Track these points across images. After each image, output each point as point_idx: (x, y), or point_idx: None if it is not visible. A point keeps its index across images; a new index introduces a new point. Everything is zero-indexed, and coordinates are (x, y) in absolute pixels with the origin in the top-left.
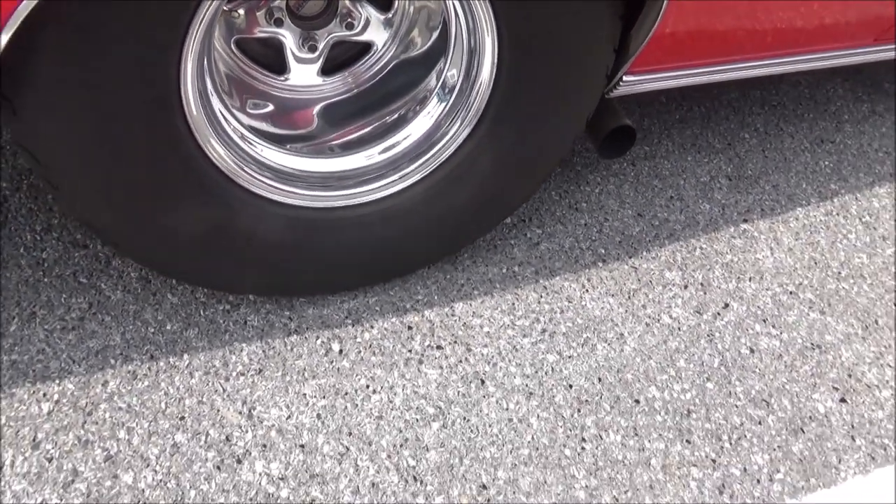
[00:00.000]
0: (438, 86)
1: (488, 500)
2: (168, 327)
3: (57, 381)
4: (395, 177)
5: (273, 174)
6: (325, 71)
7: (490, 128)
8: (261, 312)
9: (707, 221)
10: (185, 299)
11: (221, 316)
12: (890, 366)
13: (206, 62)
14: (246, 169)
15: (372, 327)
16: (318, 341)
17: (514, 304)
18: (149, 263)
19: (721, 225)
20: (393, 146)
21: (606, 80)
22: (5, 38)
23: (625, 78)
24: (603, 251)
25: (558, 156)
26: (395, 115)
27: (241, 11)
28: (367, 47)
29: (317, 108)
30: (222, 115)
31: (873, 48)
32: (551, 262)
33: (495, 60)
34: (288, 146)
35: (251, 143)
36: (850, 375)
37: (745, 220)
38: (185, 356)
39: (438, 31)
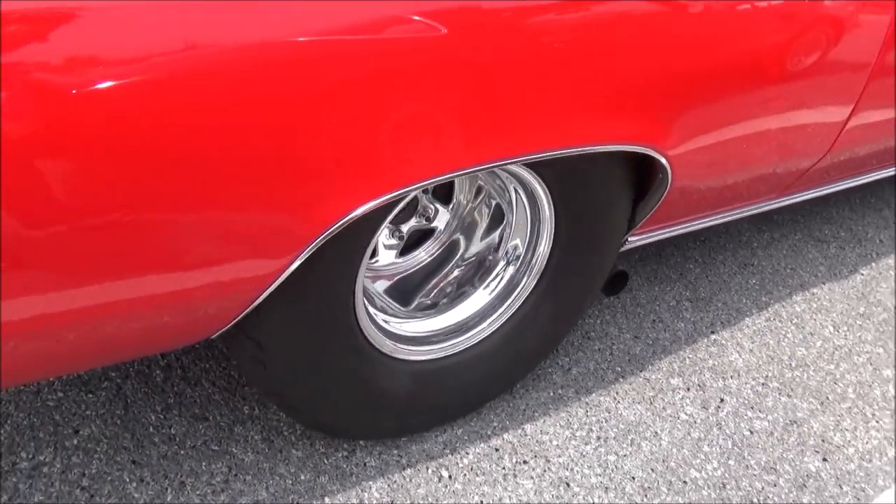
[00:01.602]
0: (504, 253)
1: None
2: (302, 477)
3: None
4: (481, 327)
5: (397, 338)
6: (401, 251)
7: (548, 283)
8: (374, 454)
9: (686, 336)
10: (307, 452)
11: (343, 461)
12: (848, 429)
13: None
14: (384, 338)
15: (467, 453)
16: (429, 471)
17: (568, 419)
18: (314, 424)
19: (697, 338)
20: (472, 305)
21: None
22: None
23: (629, 239)
24: (619, 369)
25: (591, 300)
26: (470, 279)
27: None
28: (432, 229)
29: (393, 280)
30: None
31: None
32: (585, 382)
33: (552, 233)
34: (397, 314)
35: (380, 317)
36: (823, 440)
37: (713, 332)
38: (326, 499)
39: (493, 209)
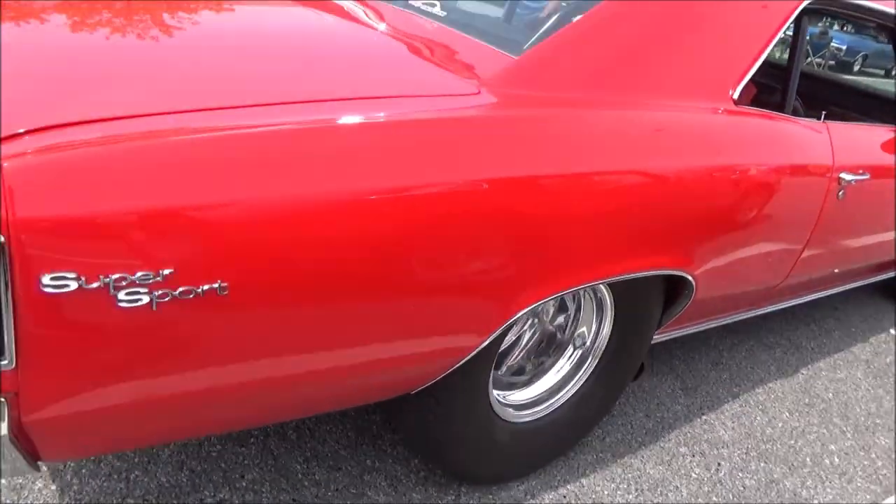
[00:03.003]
0: (573, 340)
1: None
2: None
3: None
4: (559, 396)
5: (505, 405)
6: None
7: (604, 363)
8: (474, 497)
9: (684, 416)
10: (424, 495)
11: (452, 502)
12: (811, 487)
13: None
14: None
15: (543, 499)
16: None
17: (612, 476)
18: (449, 468)
19: (692, 417)
20: (552, 380)
21: None
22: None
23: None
24: (640, 439)
25: (632, 375)
26: (552, 358)
27: None
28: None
29: None
30: None
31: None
32: (618, 448)
33: (610, 327)
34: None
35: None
36: (795, 495)
37: (702, 413)
38: None
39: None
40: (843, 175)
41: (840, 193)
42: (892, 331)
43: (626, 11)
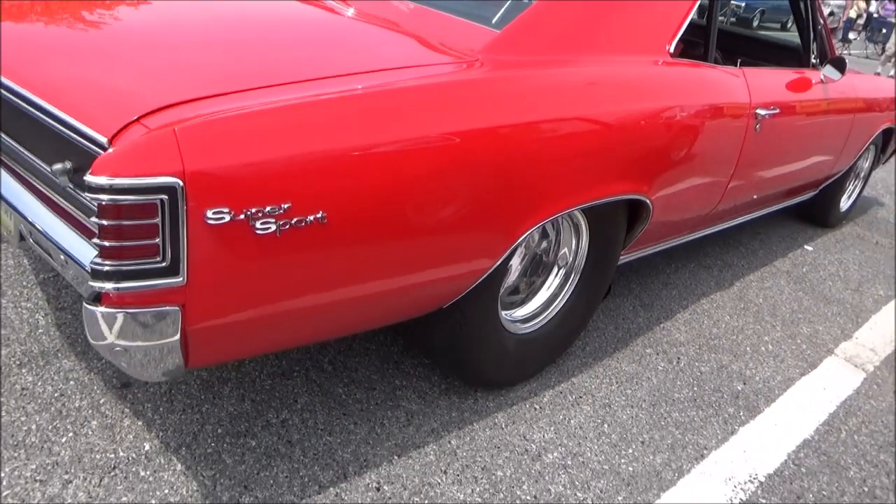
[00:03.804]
0: (557, 261)
1: None
2: (453, 414)
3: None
4: (549, 310)
5: (510, 322)
6: None
7: (583, 281)
8: (489, 398)
9: (646, 326)
10: (448, 401)
11: (473, 404)
12: (755, 369)
13: None
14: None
15: (544, 396)
16: (526, 405)
17: (596, 372)
18: (471, 377)
19: (653, 326)
20: (543, 296)
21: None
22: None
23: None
24: (616, 343)
25: (602, 295)
26: (542, 278)
27: None
28: None
29: None
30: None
31: None
32: (606, 349)
33: (586, 247)
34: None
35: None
36: (742, 375)
37: (660, 323)
38: (468, 425)
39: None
40: (758, 110)
41: (757, 126)
42: (807, 247)
43: None
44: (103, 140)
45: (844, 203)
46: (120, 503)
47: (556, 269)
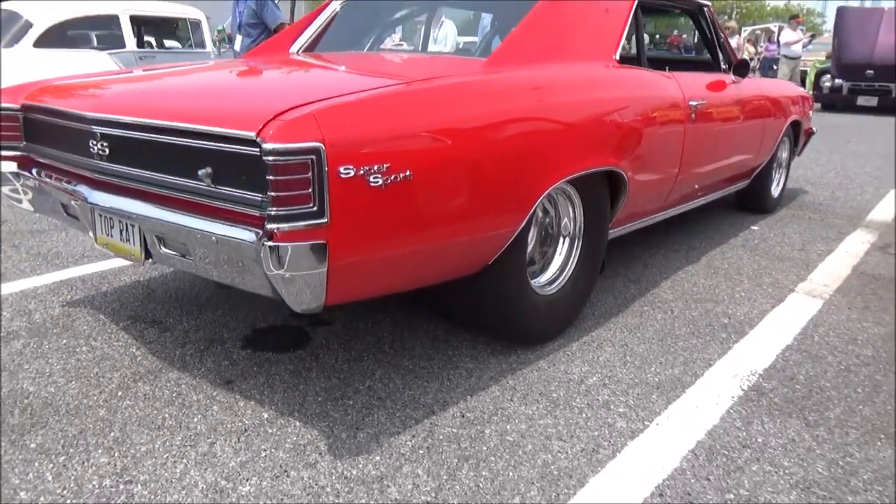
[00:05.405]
0: (561, 232)
1: None
2: (490, 372)
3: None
4: (564, 273)
5: (537, 286)
6: None
7: (585, 248)
8: (514, 354)
9: (638, 294)
10: (492, 361)
11: (504, 361)
12: (735, 308)
13: None
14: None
15: (570, 344)
16: (539, 360)
17: (619, 328)
18: (506, 333)
19: (644, 293)
20: (557, 263)
21: None
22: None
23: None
24: (605, 310)
25: (599, 267)
26: (552, 248)
27: None
28: None
29: None
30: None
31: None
32: (599, 320)
33: (581, 214)
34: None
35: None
36: (725, 313)
37: (650, 290)
38: (501, 378)
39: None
40: (691, 102)
41: (693, 115)
42: (753, 227)
43: (549, 15)
44: (251, 135)
45: (775, 190)
46: (260, 448)
47: (561, 239)
